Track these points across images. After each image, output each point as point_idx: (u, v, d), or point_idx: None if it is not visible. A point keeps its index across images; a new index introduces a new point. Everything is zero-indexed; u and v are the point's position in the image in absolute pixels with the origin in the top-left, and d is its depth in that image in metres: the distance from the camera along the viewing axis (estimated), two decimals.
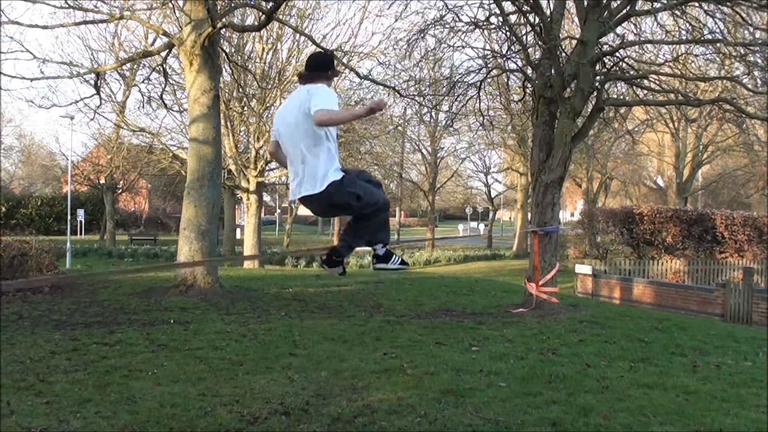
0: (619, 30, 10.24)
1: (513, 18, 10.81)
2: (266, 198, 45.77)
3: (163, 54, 12.80)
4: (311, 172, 3.27)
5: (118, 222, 34.89)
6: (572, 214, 54.13)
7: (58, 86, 69.42)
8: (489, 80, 12.74)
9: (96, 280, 7.95)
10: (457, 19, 10.94)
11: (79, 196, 39.66)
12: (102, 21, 12.53)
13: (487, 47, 15.09)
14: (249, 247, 21.12)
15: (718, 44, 10.47)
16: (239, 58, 19.08)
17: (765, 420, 4.39)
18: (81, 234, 37.11)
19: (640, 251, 20.07)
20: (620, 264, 18.95)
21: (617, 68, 10.32)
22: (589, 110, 10.26)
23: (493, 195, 39.94)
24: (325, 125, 3.16)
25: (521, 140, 29.85)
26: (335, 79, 3.28)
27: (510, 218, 67.09)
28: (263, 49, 20.32)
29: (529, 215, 11.58)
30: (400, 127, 30.42)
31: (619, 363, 6.06)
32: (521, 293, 10.63)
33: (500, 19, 10.35)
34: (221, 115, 13.34)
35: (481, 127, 14.79)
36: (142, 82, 19.37)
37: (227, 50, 16.92)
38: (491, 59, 12.33)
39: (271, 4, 10.95)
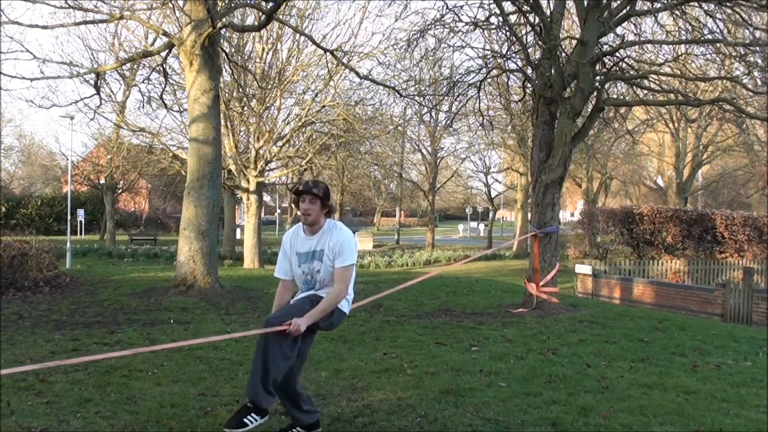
0: (619, 30, 10.23)
1: (513, 18, 10.80)
2: (266, 198, 45.75)
3: (163, 54, 12.79)
4: None
5: (118, 222, 34.93)
6: (572, 214, 54.12)
7: (58, 86, 69.67)
8: (489, 80, 12.73)
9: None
10: (457, 19, 10.93)
11: (79, 196, 39.68)
12: (102, 21, 12.53)
13: (487, 47, 15.11)
14: (249, 247, 21.12)
15: (718, 44, 10.46)
16: (239, 58, 19.09)
17: (765, 420, 4.39)
18: (81, 234, 37.13)
19: (640, 251, 20.07)
20: (620, 264, 18.94)
21: (617, 68, 10.31)
22: (589, 110, 10.25)
23: (493, 195, 39.94)
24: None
25: (521, 140, 29.85)
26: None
27: (504, 218, 66.97)
28: (263, 49, 20.33)
29: (529, 215, 11.56)
30: (400, 127, 30.41)
31: (619, 363, 6.05)
32: (521, 293, 10.62)
33: (500, 19, 10.34)
34: (221, 115, 13.34)
35: (481, 127, 14.76)
36: (142, 82, 19.40)
37: (227, 50, 16.92)
38: (491, 59, 12.32)
39: (271, 4, 10.95)
